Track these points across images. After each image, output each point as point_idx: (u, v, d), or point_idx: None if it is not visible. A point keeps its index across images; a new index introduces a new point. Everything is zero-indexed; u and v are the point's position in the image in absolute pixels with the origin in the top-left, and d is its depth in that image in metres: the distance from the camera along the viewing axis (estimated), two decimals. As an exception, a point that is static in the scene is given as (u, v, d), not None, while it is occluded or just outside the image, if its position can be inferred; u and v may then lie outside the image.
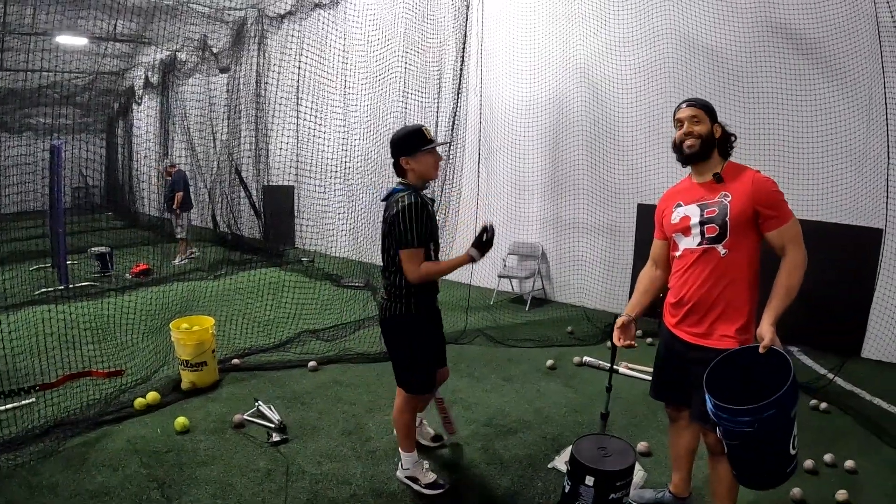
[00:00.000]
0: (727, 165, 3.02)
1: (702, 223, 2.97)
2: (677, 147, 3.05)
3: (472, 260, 3.44)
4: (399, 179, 3.57)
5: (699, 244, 2.99)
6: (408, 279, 3.42)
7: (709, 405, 2.58)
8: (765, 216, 2.84)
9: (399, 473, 3.92)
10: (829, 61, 6.48)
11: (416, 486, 3.81)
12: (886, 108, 6.11)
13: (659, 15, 7.48)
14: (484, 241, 3.47)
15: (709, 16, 7.09)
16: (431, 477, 3.82)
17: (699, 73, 7.23)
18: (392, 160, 3.55)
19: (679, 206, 3.11)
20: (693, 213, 3.02)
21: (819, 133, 6.51)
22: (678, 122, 3.06)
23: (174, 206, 11.28)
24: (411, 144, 3.44)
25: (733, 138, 3.06)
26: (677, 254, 3.13)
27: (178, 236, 11.74)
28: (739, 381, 2.67)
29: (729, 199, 2.90)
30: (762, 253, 2.95)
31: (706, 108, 3.03)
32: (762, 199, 2.83)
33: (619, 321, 3.22)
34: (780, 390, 2.35)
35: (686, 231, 3.05)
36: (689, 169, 3.14)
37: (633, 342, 3.21)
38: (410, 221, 3.32)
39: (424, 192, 3.62)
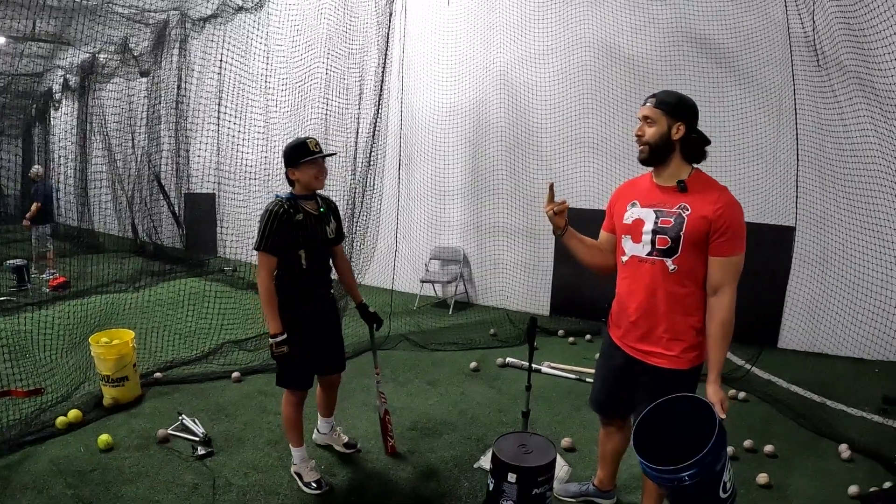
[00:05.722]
0: (694, 174, 2.80)
1: (654, 232, 2.77)
2: None
3: (276, 338, 3.65)
4: (290, 189, 3.82)
5: (648, 254, 2.81)
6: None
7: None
8: (715, 239, 2.66)
9: (291, 468, 4.11)
10: (742, 69, 6.85)
11: (299, 483, 3.98)
12: (796, 114, 6.48)
13: (578, 24, 7.74)
14: (275, 353, 3.68)
15: (627, 26, 7.42)
16: (314, 476, 3.97)
17: (617, 81, 7.54)
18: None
19: (634, 205, 2.90)
20: (648, 217, 2.81)
21: (732, 137, 6.86)
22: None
23: (28, 216, 10.52)
24: (295, 156, 3.68)
25: (703, 143, 2.82)
26: (624, 258, 2.96)
27: (42, 250, 10.92)
28: (672, 424, 2.58)
29: (688, 213, 2.70)
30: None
31: (666, 106, 2.77)
32: (721, 221, 2.64)
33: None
34: (700, 452, 2.30)
35: (637, 236, 2.85)
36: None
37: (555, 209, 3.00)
38: (261, 225, 3.64)
39: (312, 200, 3.86)
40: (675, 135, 2.76)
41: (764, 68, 6.78)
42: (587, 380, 5.91)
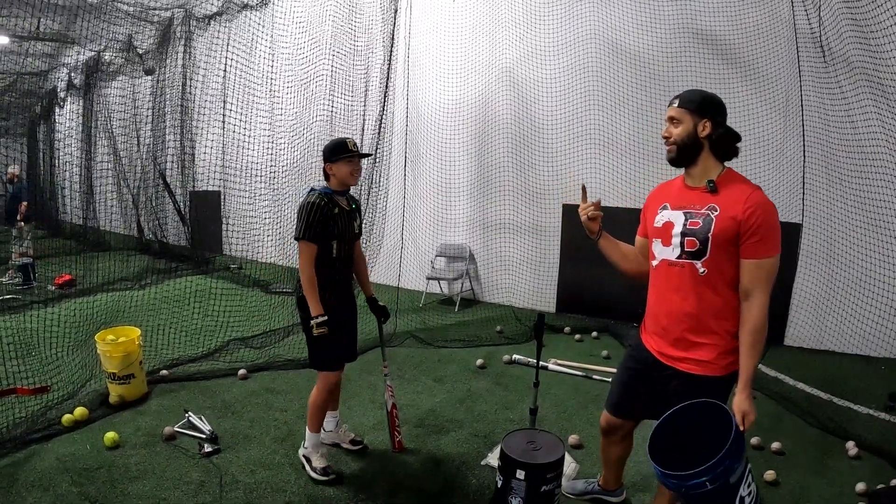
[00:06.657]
0: (725, 173, 2.73)
1: (683, 234, 2.70)
2: None
3: (317, 319, 3.75)
4: (324, 183, 3.99)
5: (678, 257, 2.73)
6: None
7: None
8: (745, 240, 2.56)
9: (300, 451, 4.22)
10: (748, 65, 6.82)
11: (307, 467, 4.08)
12: (802, 110, 6.45)
13: (584, 20, 7.73)
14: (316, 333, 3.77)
15: (633, 22, 7.39)
16: (322, 462, 4.05)
17: (623, 77, 7.52)
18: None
19: (665, 208, 2.85)
20: (677, 220, 2.75)
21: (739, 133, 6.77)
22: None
23: (19, 218, 10.60)
24: (333, 153, 3.88)
25: (733, 139, 2.74)
26: (654, 263, 2.89)
27: (27, 251, 10.73)
28: (706, 428, 2.54)
29: (716, 213, 2.62)
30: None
31: (691, 104, 2.72)
32: (751, 221, 2.53)
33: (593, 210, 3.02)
34: (708, 462, 2.26)
35: (667, 240, 2.78)
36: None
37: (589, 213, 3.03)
38: (301, 216, 3.79)
39: (344, 197, 4.01)
40: (702, 132, 2.71)
41: (770, 65, 6.75)
42: (594, 377, 5.92)
